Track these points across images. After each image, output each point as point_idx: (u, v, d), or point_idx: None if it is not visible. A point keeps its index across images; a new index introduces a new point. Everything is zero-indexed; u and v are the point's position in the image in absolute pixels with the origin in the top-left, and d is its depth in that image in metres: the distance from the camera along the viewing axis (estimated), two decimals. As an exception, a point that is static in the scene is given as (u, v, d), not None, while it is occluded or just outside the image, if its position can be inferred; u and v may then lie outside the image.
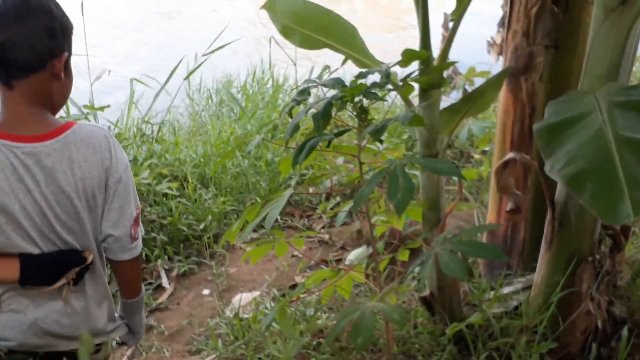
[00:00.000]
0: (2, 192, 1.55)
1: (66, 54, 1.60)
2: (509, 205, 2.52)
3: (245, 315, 2.89)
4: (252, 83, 6.37)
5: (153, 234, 3.50)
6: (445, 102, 2.46)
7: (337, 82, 2.07)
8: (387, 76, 2.03)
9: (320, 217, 3.79)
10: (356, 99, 1.97)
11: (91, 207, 1.66)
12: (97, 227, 1.70)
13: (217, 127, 4.83)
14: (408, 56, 2.11)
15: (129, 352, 2.87)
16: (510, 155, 2.29)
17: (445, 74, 8.64)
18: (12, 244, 1.59)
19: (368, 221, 2.09)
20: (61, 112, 4.30)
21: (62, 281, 1.65)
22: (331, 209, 3.67)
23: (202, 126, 5.25)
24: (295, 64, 5.70)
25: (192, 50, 5.38)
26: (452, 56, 2.25)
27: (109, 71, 4.84)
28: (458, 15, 2.22)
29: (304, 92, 2.12)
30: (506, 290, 2.62)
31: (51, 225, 1.61)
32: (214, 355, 2.67)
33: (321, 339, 2.56)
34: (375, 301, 1.88)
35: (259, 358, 2.55)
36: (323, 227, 3.72)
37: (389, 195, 1.66)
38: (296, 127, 1.88)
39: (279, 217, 3.80)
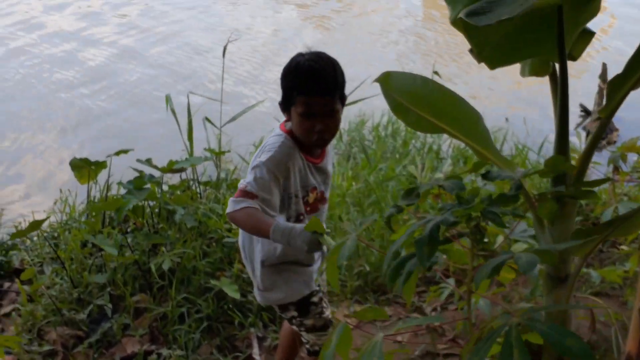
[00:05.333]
0: None
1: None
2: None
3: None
4: (386, 125, 6.12)
5: (250, 297, 3.29)
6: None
7: (456, 186, 1.75)
8: (519, 188, 1.68)
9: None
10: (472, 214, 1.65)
11: None
12: None
13: (339, 174, 4.58)
14: (552, 166, 1.74)
15: None
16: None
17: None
18: None
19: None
20: (184, 153, 4.26)
21: None
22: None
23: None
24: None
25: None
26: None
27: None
28: (607, 114, 1.82)
29: (410, 194, 1.81)
30: None
31: None
32: None
33: None
34: None
35: None
36: (435, 310, 3.35)
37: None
38: (396, 255, 1.57)
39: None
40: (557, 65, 1.74)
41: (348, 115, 6.22)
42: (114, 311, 3.21)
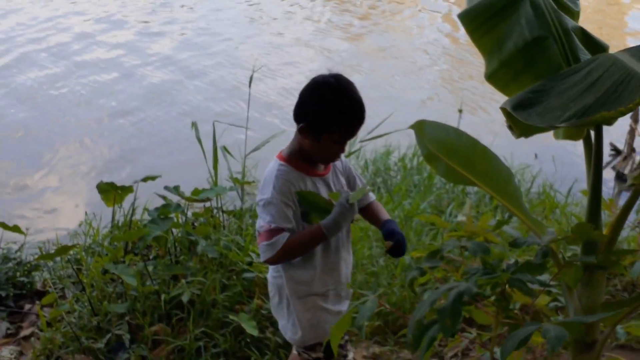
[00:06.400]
0: None
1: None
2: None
3: None
4: (411, 157, 6.08)
5: (268, 333, 3.25)
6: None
7: (480, 249, 1.72)
8: (545, 255, 1.64)
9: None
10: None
11: None
12: None
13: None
14: (580, 233, 1.70)
15: None
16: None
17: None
18: None
19: None
20: (205, 183, 4.28)
21: None
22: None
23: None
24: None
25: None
26: None
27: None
28: (642, 181, 1.78)
29: (434, 256, 1.78)
30: None
31: None
32: None
33: None
34: None
35: None
36: (455, 356, 3.29)
37: None
38: (419, 326, 1.54)
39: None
40: (592, 132, 1.71)
41: (375, 145, 6.20)
42: (132, 341, 3.19)
